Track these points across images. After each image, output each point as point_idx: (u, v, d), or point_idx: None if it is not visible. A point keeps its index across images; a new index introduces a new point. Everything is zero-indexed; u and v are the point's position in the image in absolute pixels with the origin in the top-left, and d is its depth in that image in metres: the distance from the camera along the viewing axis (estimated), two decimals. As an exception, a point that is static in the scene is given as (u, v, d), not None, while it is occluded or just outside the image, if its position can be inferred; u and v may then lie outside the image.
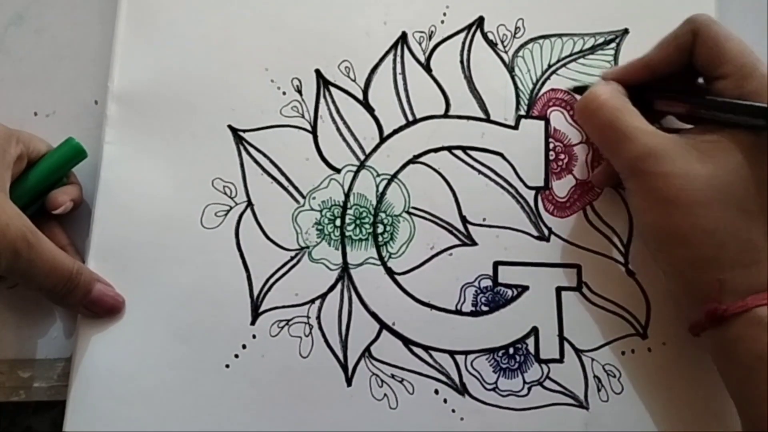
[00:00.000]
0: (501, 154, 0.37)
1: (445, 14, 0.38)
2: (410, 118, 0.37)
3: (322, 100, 0.37)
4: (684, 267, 0.30)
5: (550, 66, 0.38)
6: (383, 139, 0.37)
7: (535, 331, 0.36)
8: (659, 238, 0.31)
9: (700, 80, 0.34)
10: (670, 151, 0.30)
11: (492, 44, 0.38)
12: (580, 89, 0.37)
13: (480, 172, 0.37)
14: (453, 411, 0.35)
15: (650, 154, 0.30)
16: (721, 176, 0.29)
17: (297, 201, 0.36)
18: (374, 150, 0.37)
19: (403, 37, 0.38)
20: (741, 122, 0.30)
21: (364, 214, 0.36)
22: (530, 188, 0.37)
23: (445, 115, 0.37)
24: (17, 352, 0.35)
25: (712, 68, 0.31)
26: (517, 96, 0.38)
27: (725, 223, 0.29)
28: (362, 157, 0.37)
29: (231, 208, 0.36)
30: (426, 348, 0.35)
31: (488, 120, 0.38)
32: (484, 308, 0.36)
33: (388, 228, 0.36)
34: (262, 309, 0.35)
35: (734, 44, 0.31)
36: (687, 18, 0.33)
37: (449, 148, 0.37)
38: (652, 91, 0.34)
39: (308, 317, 0.35)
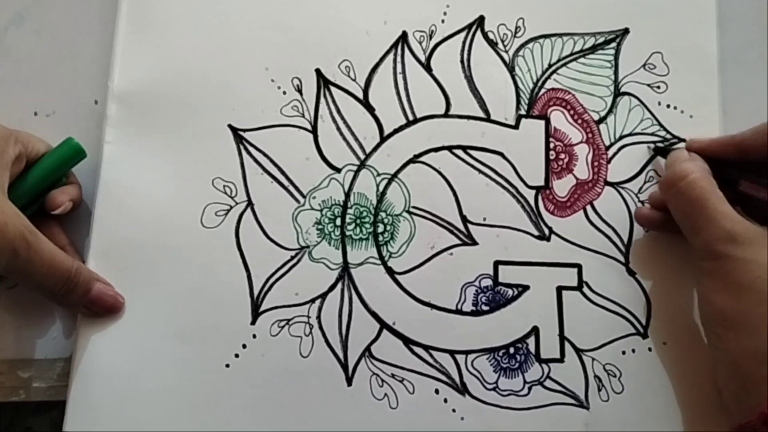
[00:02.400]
0: (501, 154, 0.37)
1: (445, 14, 0.38)
2: (410, 118, 0.37)
3: (322, 99, 0.37)
4: (744, 358, 0.29)
5: (550, 65, 0.38)
6: (383, 139, 0.37)
7: (535, 331, 0.36)
8: (725, 322, 0.30)
9: None
10: (752, 238, 0.30)
11: (492, 44, 0.38)
12: (662, 151, 0.37)
13: (480, 171, 0.37)
14: (453, 411, 0.34)
15: (732, 239, 0.30)
16: None
17: (297, 200, 0.36)
18: (374, 149, 0.37)
19: (404, 37, 0.38)
20: None
21: (365, 214, 0.36)
22: (531, 188, 0.37)
23: (446, 115, 0.37)
24: (17, 352, 0.35)
25: None
26: (518, 95, 0.38)
27: None
28: (362, 157, 0.37)
29: (231, 207, 0.36)
30: (426, 348, 0.35)
31: (488, 119, 0.38)
32: (485, 308, 0.36)
33: (388, 227, 0.36)
34: (262, 308, 0.35)
35: None
36: None
37: (449, 148, 0.37)
38: (737, 170, 0.34)
39: (308, 317, 0.35)
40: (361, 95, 0.37)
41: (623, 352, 0.36)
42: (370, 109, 0.37)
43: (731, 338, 0.30)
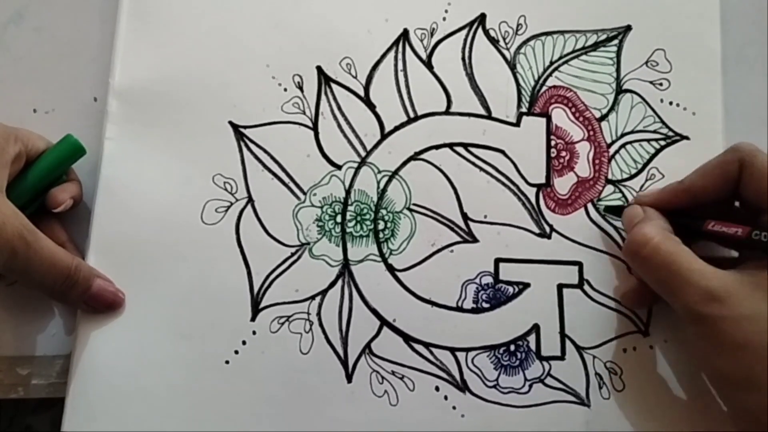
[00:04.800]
0: (502, 151, 0.37)
1: (446, 11, 0.38)
2: (411, 115, 0.37)
3: (323, 96, 0.37)
4: (761, 414, 0.28)
5: (552, 63, 0.38)
6: (384, 136, 0.37)
7: (536, 328, 0.36)
8: (731, 384, 0.29)
9: (737, 204, 0.34)
10: (734, 292, 0.29)
11: (494, 41, 0.38)
12: (613, 209, 0.36)
13: (481, 169, 0.37)
14: (454, 408, 0.34)
15: (714, 298, 0.29)
16: None
17: (298, 197, 0.36)
18: (375, 146, 0.37)
19: (405, 34, 0.38)
20: None
21: (365, 211, 0.36)
22: (532, 185, 0.37)
23: (447, 112, 0.37)
24: (16, 349, 0.35)
25: (762, 200, 0.31)
26: (519, 93, 0.38)
27: None
28: (363, 154, 0.37)
29: (231, 204, 0.36)
30: (427, 345, 0.35)
31: (490, 117, 0.37)
32: (485, 305, 0.36)
33: (389, 224, 0.36)
34: (262, 305, 0.35)
35: None
36: (732, 146, 0.32)
37: (450, 145, 0.37)
38: (693, 217, 0.33)
39: (309, 313, 0.35)
40: (362, 92, 0.37)
41: (624, 350, 0.36)
42: (371, 107, 0.37)
43: (743, 399, 0.29)
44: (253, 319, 0.35)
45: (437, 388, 0.35)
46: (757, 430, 0.29)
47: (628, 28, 0.39)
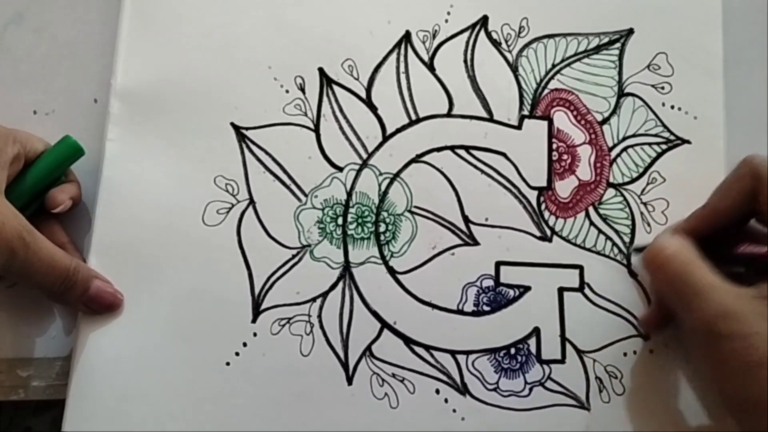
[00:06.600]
0: (504, 154, 0.37)
1: (449, 13, 0.38)
2: (413, 117, 0.37)
3: (325, 98, 0.37)
4: None
5: (554, 66, 0.38)
6: (386, 138, 0.37)
7: (536, 332, 0.36)
8: (746, 407, 0.28)
9: (753, 222, 0.33)
10: (749, 309, 0.28)
11: (496, 44, 0.38)
12: (643, 249, 0.35)
13: (483, 171, 0.37)
14: (454, 411, 0.34)
15: (727, 314, 0.28)
16: None
17: (299, 199, 0.36)
18: (377, 149, 0.37)
19: (407, 36, 0.38)
20: None
21: (366, 213, 0.36)
22: (533, 188, 0.37)
23: (448, 115, 0.37)
24: (16, 351, 0.35)
25: None
26: (521, 96, 0.38)
27: None
28: (365, 156, 0.37)
29: (233, 205, 0.36)
30: (427, 347, 0.35)
31: (491, 120, 0.37)
32: (486, 308, 0.36)
33: (390, 227, 0.36)
34: (263, 307, 0.35)
35: None
36: (742, 160, 0.31)
37: (452, 148, 0.37)
38: (727, 237, 0.32)
39: (309, 316, 0.35)
40: (363, 94, 0.37)
41: (624, 354, 0.36)
42: (373, 109, 0.37)
43: (761, 421, 0.27)
44: (253, 320, 0.34)
45: (437, 391, 0.35)
46: None
47: (630, 31, 0.39)
